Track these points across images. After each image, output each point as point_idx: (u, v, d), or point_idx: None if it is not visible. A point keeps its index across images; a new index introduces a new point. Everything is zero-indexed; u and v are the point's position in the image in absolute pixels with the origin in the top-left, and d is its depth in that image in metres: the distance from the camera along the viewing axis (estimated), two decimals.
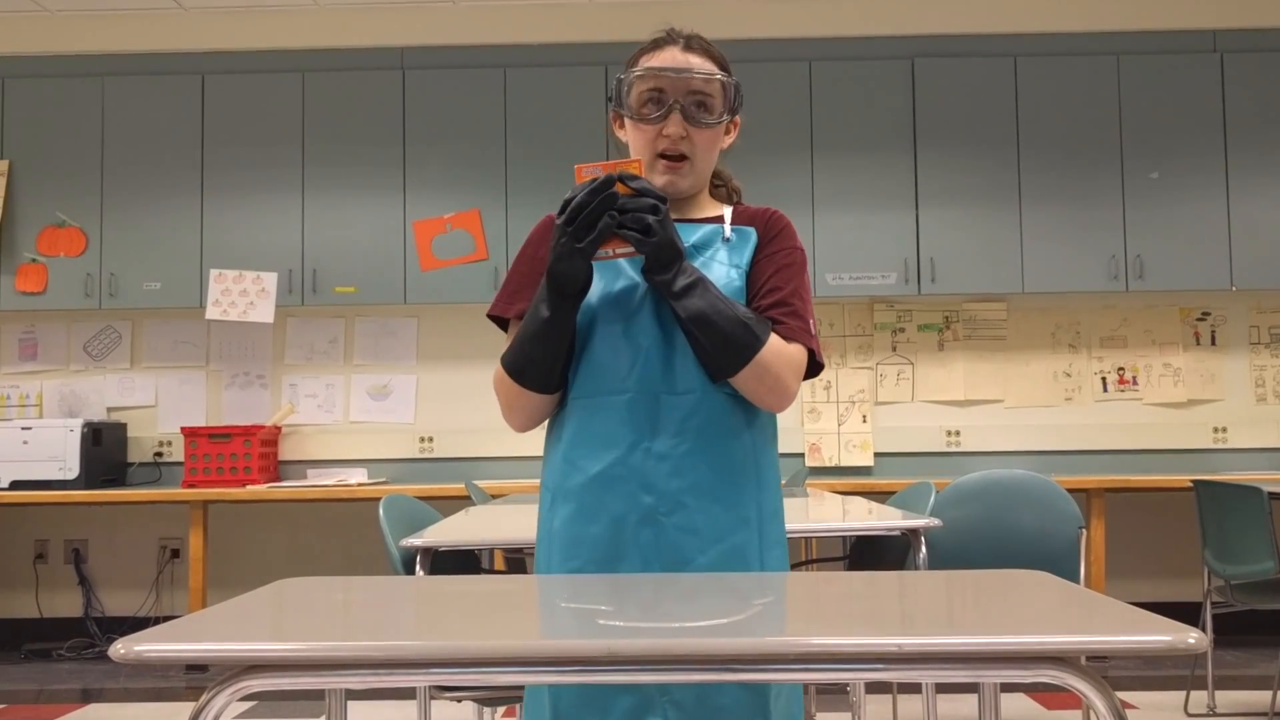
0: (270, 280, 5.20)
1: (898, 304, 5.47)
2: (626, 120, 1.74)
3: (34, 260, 5.27)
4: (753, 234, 1.73)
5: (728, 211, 1.77)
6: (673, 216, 1.71)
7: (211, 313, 5.17)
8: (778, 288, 1.68)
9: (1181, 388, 5.42)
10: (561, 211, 1.57)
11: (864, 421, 5.42)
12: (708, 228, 1.73)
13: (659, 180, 1.70)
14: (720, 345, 1.59)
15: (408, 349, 5.52)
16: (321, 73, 5.31)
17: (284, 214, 5.27)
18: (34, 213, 5.29)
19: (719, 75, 1.71)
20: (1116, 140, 5.18)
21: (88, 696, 4.46)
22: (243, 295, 5.18)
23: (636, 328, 1.64)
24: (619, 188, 1.55)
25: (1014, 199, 5.17)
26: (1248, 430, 5.38)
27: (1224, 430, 5.39)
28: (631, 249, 1.56)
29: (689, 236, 1.71)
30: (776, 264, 1.70)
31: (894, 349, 5.47)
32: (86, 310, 5.35)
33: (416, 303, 5.29)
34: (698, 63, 1.70)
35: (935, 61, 5.25)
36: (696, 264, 1.67)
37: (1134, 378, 5.43)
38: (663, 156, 1.70)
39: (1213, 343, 5.43)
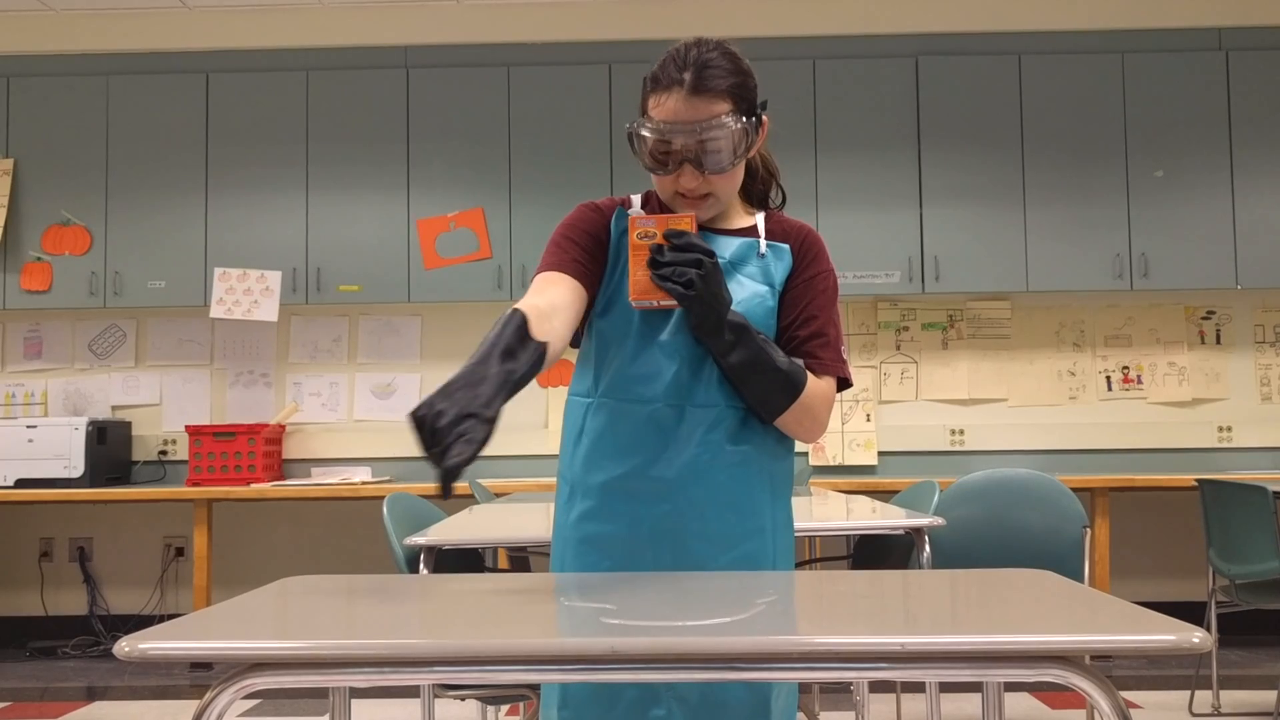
0: (274, 279, 5.20)
1: (901, 303, 5.46)
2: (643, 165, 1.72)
3: (39, 259, 5.28)
4: (787, 252, 1.73)
5: (760, 220, 1.76)
6: (706, 228, 1.73)
7: (216, 311, 5.18)
8: (814, 316, 1.70)
9: (1186, 387, 5.41)
10: None
11: (868, 420, 5.42)
12: (741, 242, 1.72)
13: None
14: (761, 395, 1.64)
15: (411, 347, 5.52)
16: (326, 71, 5.31)
17: (288, 212, 5.27)
18: (39, 211, 5.29)
19: (725, 123, 1.61)
20: (1121, 138, 5.17)
21: (92, 694, 4.46)
22: (247, 294, 5.19)
23: (669, 339, 1.66)
24: (661, 241, 1.58)
25: (1018, 197, 5.17)
26: (1253, 429, 5.37)
27: (1229, 429, 5.38)
28: (674, 301, 1.58)
29: (724, 251, 1.71)
30: (813, 290, 1.71)
31: (898, 348, 5.47)
32: (91, 309, 5.35)
33: (420, 301, 5.29)
34: (703, 108, 1.60)
35: (939, 60, 5.24)
36: (733, 281, 1.68)
37: (1138, 377, 5.42)
38: (683, 195, 1.68)
39: (1218, 341, 5.42)
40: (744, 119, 1.64)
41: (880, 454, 5.41)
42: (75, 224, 5.29)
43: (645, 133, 1.65)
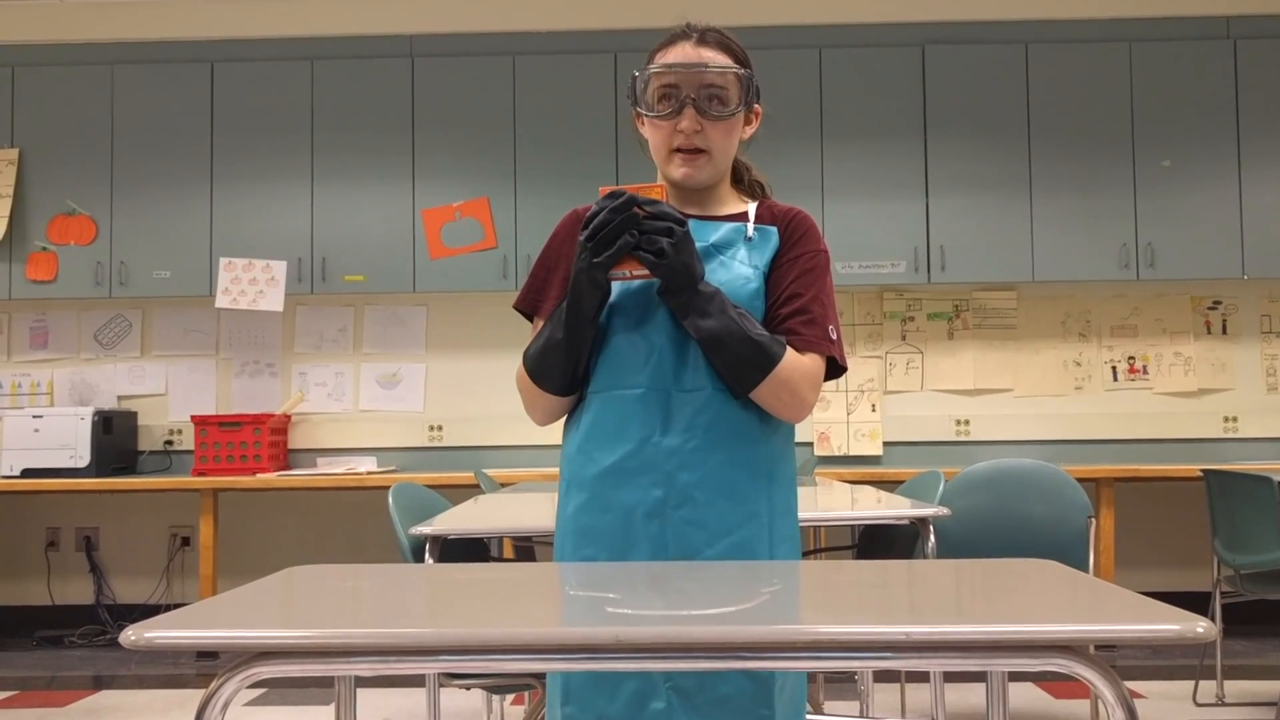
0: (280, 268, 5.21)
1: (907, 293, 5.45)
2: (643, 115, 1.74)
3: (44, 249, 5.28)
4: (774, 234, 1.73)
5: (752, 208, 1.77)
6: (695, 213, 1.73)
7: (221, 301, 5.18)
8: (798, 294, 1.69)
9: (1192, 377, 5.40)
10: (585, 226, 1.59)
11: (873, 410, 5.41)
12: (729, 226, 1.73)
13: (677, 173, 1.71)
14: (733, 365, 1.62)
15: (417, 337, 5.53)
16: (330, 60, 5.31)
17: (293, 202, 5.27)
18: (44, 201, 5.30)
19: (732, 68, 1.70)
20: (1128, 128, 5.15)
21: (99, 683, 4.48)
22: (252, 284, 5.19)
23: (651, 325, 1.67)
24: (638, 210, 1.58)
25: (1024, 187, 5.15)
26: (1258, 420, 5.36)
27: (1234, 420, 5.37)
28: (646, 271, 1.59)
29: (710, 235, 1.71)
30: (798, 268, 1.70)
31: (903, 338, 5.46)
32: (97, 299, 5.36)
33: (425, 291, 5.29)
34: (711, 56, 1.70)
35: (946, 48, 5.22)
36: (716, 263, 1.69)
37: (1144, 367, 5.42)
38: (679, 151, 1.71)
39: (1224, 332, 5.41)
40: (748, 77, 1.72)
41: (885, 444, 5.41)
42: (80, 214, 5.29)
43: (653, 74, 1.70)
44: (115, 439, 5.23)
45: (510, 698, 3.92)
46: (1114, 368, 5.43)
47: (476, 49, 5.32)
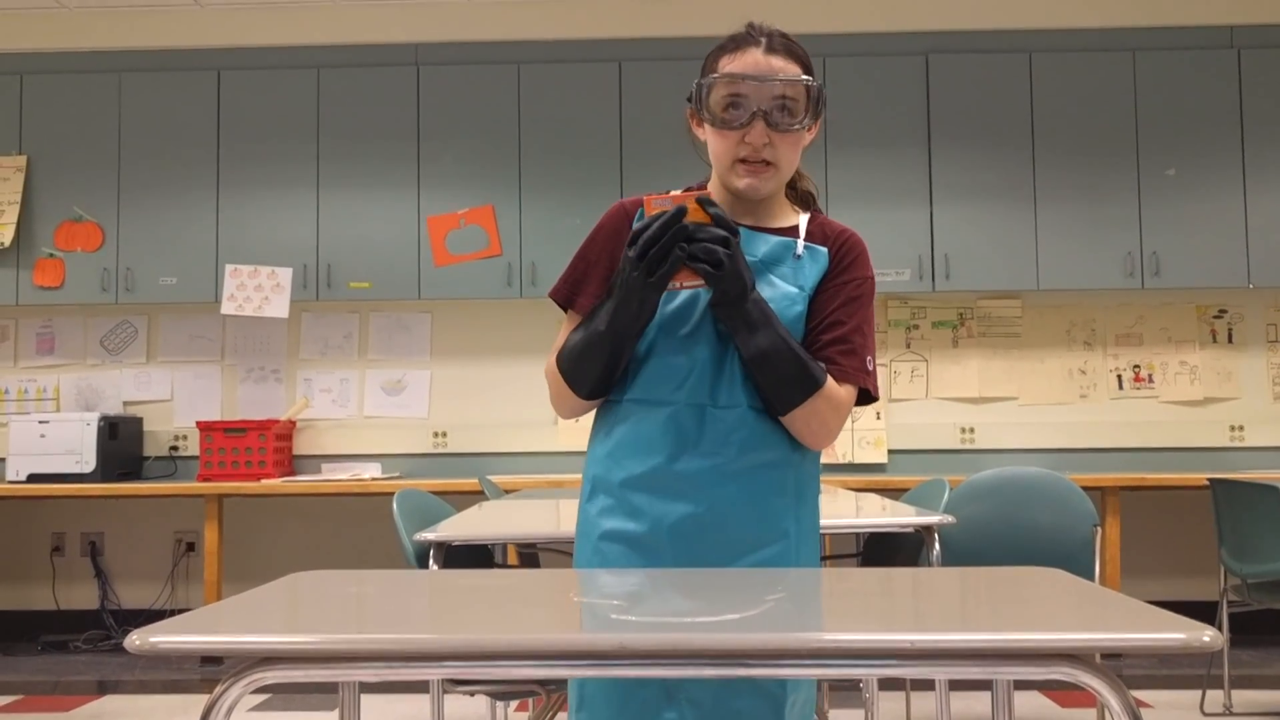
0: (285, 275, 5.22)
1: (912, 300, 5.45)
2: (707, 123, 1.68)
3: (51, 255, 5.30)
4: (824, 255, 1.70)
5: (803, 221, 1.73)
6: (748, 223, 1.70)
7: (227, 307, 5.19)
8: (840, 322, 1.66)
9: (1198, 385, 5.39)
10: (632, 243, 1.54)
11: (878, 418, 5.41)
12: (779, 241, 1.70)
13: (741, 184, 1.67)
14: (777, 385, 1.61)
15: (421, 344, 5.53)
16: (336, 69, 5.32)
17: (299, 209, 5.28)
18: (51, 207, 5.31)
19: (803, 79, 1.65)
20: (1132, 137, 5.15)
21: (104, 688, 4.48)
22: (258, 290, 5.20)
23: (693, 341, 1.64)
24: (695, 211, 1.52)
25: (1029, 195, 5.15)
26: (1265, 428, 5.35)
27: (1241, 428, 5.36)
28: (699, 281, 1.54)
29: (759, 249, 1.68)
30: (844, 295, 1.68)
31: (908, 346, 5.46)
32: (103, 304, 5.37)
33: (430, 298, 5.30)
34: (781, 66, 1.64)
35: (950, 57, 5.23)
36: (764, 280, 1.66)
37: (1150, 375, 5.41)
38: (744, 161, 1.66)
39: (1229, 340, 5.40)
40: (818, 88, 1.66)
41: (890, 452, 5.40)
42: (87, 220, 5.30)
43: (720, 84, 1.64)
44: (121, 444, 5.24)
45: (514, 704, 3.92)
46: (1119, 376, 5.42)
47: (481, 57, 5.33)
